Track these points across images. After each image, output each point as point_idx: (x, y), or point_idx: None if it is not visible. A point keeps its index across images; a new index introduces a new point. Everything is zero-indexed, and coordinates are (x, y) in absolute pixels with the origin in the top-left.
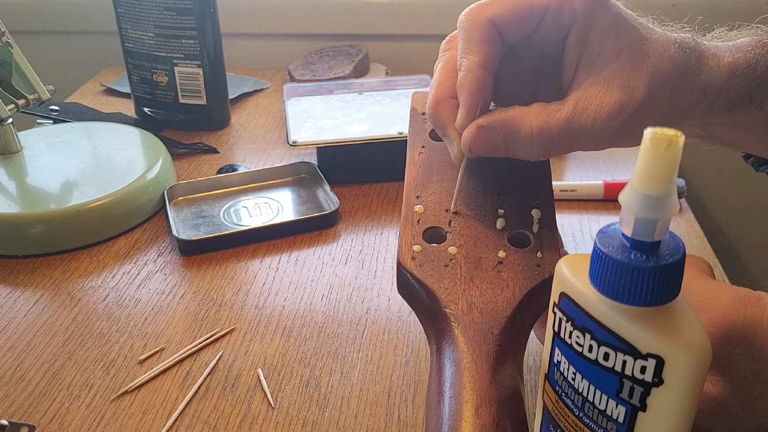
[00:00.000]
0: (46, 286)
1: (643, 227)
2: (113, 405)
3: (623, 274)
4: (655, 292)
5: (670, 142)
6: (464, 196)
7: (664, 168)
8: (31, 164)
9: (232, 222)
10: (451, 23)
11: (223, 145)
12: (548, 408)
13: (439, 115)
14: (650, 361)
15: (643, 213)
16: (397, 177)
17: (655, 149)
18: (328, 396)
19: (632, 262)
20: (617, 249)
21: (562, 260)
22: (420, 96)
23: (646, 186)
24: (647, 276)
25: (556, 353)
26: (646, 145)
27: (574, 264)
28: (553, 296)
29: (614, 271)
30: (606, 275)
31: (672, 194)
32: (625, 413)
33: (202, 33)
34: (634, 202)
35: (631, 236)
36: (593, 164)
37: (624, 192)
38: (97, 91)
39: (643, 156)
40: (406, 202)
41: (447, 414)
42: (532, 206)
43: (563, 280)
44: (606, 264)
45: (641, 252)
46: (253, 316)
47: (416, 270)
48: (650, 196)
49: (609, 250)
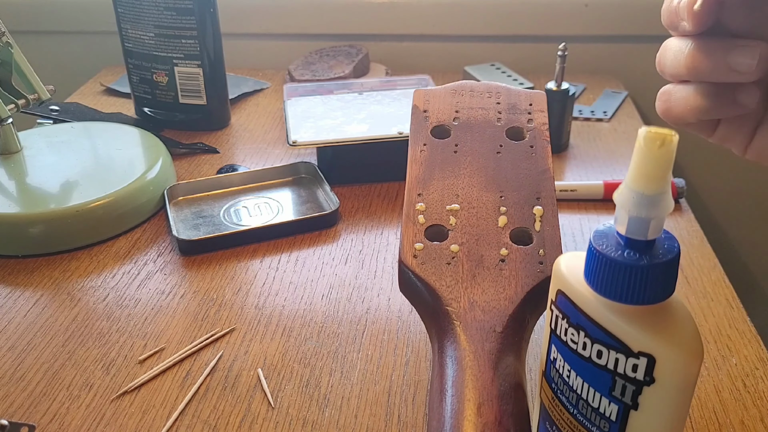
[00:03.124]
0: (46, 286)
1: (636, 226)
2: (113, 405)
3: (616, 272)
4: (648, 291)
5: (664, 141)
6: (466, 194)
7: (657, 167)
8: (31, 164)
9: (232, 222)
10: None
11: (223, 145)
12: (545, 405)
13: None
14: (642, 359)
15: (636, 211)
16: (397, 177)
17: (649, 148)
18: (328, 396)
19: (625, 261)
20: (611, 247)
21: (560, 258)
22: (421, 93)
23: (640, 185)
24: (640, 274)
25: (552, 350)
26: (639, 144)
27: (572, 262)
28: (551, 294)
29: (607, 269)
30: (599, 273)
31: (666, 193)
32: (617, 411)
33: (202, 33)
34: (628, 200)
35: (625, 235)
36: (593, 164)
37: (618, 191)
38: (97, 91)
39: (637, 155)
40: (408, 200)
41: (449, 412)
42: (534, 204)
43: (560, 278)
44: (600, 262)
45: (635, 251)
46: (253, 316)
47: (418, 268)
48: (644, 195)
49: (603, 248)
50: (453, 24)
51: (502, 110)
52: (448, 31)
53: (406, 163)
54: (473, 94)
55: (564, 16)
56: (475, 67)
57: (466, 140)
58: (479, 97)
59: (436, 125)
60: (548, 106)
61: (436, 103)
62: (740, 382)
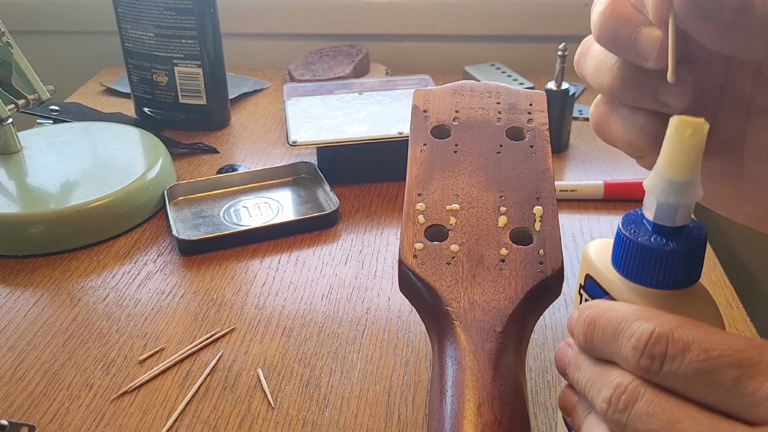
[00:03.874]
0: (46, 286)
1: (664, 212)
2: (113, 405)
3: (643, 257)
4: (674, 276)
5: (695, 129)
6: (466, 194)
7: (687, 154)
8: (31, 164)
9: (232, 222)
10: (451, 23)
11: (223, 145)
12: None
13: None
14: None
15: (665, 198)
16: (397, 177)
17: (680, 135)
18: (328, 396)
19: (652, 246)
20: (639, 232)
21: (589, 244)
22: (421, 93)
23: (669, 171)
24: (667, 260)
25: None
26: (670, 131)
27: (601, 247)
28: (580, 278)
29: (635, 254)
30: (627, 258)
31: (695, 180)
32: None
33: (202, 33)
34: (657, 186)
35: (653, 220)
36: (593, 164)
37: (648, 177)
38: (97, 91)
39: (668, 142)
40: (408, 200)
41: (449, 412)
42: (534, 204)
43: (589, 263)
44: (627, 247)
45: (662, 236)
46: (253, 316)
47: (418, 268)
48: (672, 182)
49: (631, 233)
50: (453, 24)
51: (502, 110)
52: (448, 31)
53: (406, 163)
54: (473, 94)
55: (564, 16)
56: (475, 67)
57: (466, 140)
58: (479, 97)
59: (436, 125)
60: (548, 106)
61: (436, 103)
62: None
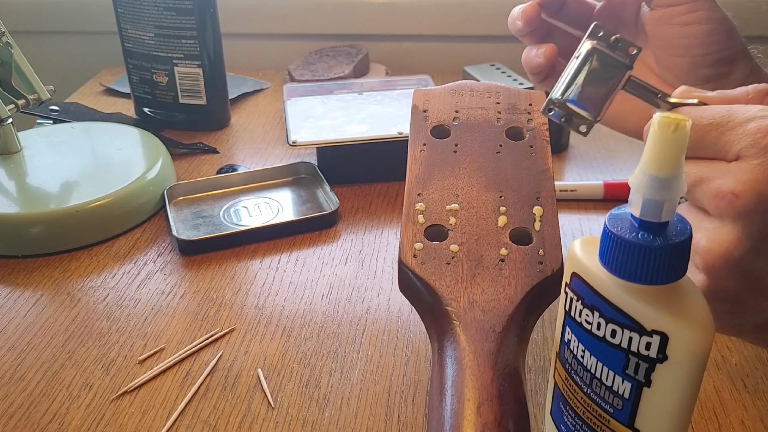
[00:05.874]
0: (46, 286)
1: (650, 208)
2: (113, 405)
3: (631, 253)
4: (661, 272)
5: (677, 126)
6: (466, 194)
7: (671, 151)
8: (31, 164)
9: (232, 222)
10: (451, 23)
11: (223, 145)
12: (559, 386)
13: None
14: (655, 337)
15: (650, 194)
16: (397, 177)
17: (663, 132)
18: (328, 396)
19: (639, 242)
20: (626, 229)
21: (576, 241)
22: (421, 93)
23: (654, 168)
24: (654, 255)
25: (566, 332)
26: (654, 129)
27: (587, 245)
28: (566, 276)
29: (622, 250)
30: (614, 254)
31: (679, 176)
32: (630, 389)
33: (202, 33)
34: (642, 183)
35: (639, 217)
36: (593, 164)
37: (633, 174)
38: (97, 91)
39: (651, 139)
40: (408, 200)
41: (449, 412)
42: (533, 204)
43: (575, 261)
44: (614, 243)
45: (648, 232)
46: (253, 316)
47: (418, 268)
48: (657, 178)
49: (617, 230)
50: (453, 24)
51: (502, 110)
52: (448, 31)
53: (406, 163)
54: (473, 94)
55: None
56: (475, 67)
57: (465, 140)
58: (479, 96)
59: (435, 125)
60: None
61: (436, 103)
62: (740, 382)
